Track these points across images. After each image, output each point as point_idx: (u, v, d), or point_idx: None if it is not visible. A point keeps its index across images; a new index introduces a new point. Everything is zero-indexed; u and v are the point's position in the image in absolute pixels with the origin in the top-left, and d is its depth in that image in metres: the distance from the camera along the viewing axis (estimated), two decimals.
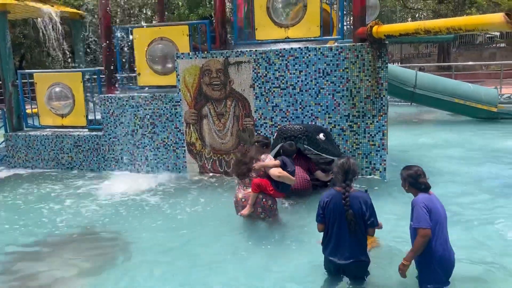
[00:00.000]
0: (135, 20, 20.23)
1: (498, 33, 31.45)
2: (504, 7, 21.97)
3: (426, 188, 3.61)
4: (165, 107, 7.55)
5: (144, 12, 22.09)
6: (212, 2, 7.14)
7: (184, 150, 7.57)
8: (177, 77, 7.39)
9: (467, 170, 7.30)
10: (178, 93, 7.42)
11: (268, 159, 5.12)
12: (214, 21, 7.38)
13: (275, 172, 4.91)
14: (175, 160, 7.65)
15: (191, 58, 7.26)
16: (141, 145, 7.77)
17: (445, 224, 3.59)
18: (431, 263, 3.52)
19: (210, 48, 7.30)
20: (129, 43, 7.91)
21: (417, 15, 27.60)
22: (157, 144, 7.69)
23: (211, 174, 7.45)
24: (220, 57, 7.12)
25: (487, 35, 29.54)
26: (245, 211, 5.00)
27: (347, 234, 3.65)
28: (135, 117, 7.71)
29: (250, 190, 5.01)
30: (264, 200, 4.99)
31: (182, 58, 7.31)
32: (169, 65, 7.62)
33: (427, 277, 3.57)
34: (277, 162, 5.07)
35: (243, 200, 5.09)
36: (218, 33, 7.26)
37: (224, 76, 7.15)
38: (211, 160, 7.45)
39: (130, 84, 8.18)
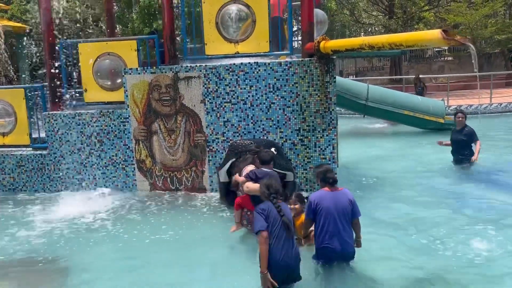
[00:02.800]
0: (88, 33, 19.72)
1: (446, 47, 33.01)
2: (449, 22, 23.14)
3: (333, 182, 4.20)
4: (113, 123, 7.31)
5: (99, 25, 21.58)
6: None
7: (134, 168, 7.34)
8: (125, 92, 7.19)
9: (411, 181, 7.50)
10: (127, 109, 7.22)
11: (244, 172, 5.22)
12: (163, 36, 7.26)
13: (244, 187, 4.99)
14: (124, 178, 7.40)
15: (139, 73, 7.10)
16: (89, 164, 7.47)
17: (339, 219, 4.06)
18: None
19: (159, 63, 7.16)
20: (75, 58, 7.65)
21: (369, 30, 28.53)
22: (105, 162, 7.42)
23: (162, 191, 7.25)
24: (170, 72, 7.00)
25: (436, 49, 30.90)
26: (233, 228, 5.31)
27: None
28: (82, 135, 7.42)
29: None
30: (248, 213, 5.26)
31: (130, 74, 7.13)
32: (117, 81, 7.41)
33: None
34: (242, 178, 5.14)
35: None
36: (167, 48, 7.14)
37: (174, 92, 7.02)
38: (162, 177, 7.26)
39: (77, 100, 7.87)
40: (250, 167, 5.33)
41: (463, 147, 7.92)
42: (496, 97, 16.07)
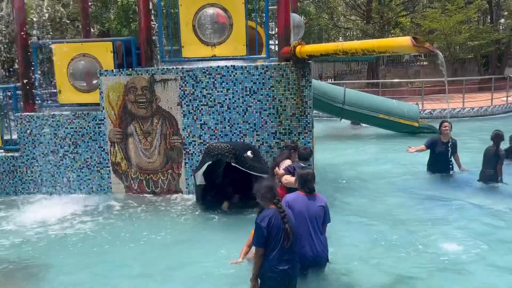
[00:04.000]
0: (65, 34, 19.39)
1: (415, 54, 33.73)
2: (424, 28, 23.64)
3: (310, 192, 4.18)
4: (88, 125, 7.22)
5: (76, 25, 21.22)
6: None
7: (109, 171, 7.26)
8: (100, 94, 7.12)
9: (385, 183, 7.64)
10: (102, 111, 7.14)
11: (283, 165, 5.64)
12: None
13: (283, 180, 5.39)
14: (99, 181, 7.32)
15: (115, 75, 7.04)
16: (63, 166, 7.35)
17: (311, 224, 4.05)
18: None
19: (135, 65, 7.12)
20: (49, 59, 7.53)
21: (347, 34, 28.89)
22: (79, 165, 7.32)
23: (138, 194, 7.20)
24: (146, 75, 6.97)
25: (412, 54, 31.54)
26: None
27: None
28: (56, 137, 7.30)
29: None
30: None
31: (105, 75, 7.06)
32: (92, 82, 7.32)
33: None
34: (282, 171, 5.51)
35: None
36: (144, 50, 7.10)
37: (150, 94, 6.99)
38: (138, 180, 7.21)
39: (51, 101, 7.74)
40: (287, 162, 5.74)
41: (447, 160, 7.47)
42: (468, 101, 16.50)
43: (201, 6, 6.97)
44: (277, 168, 5.76)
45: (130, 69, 7.02)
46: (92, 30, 12.51)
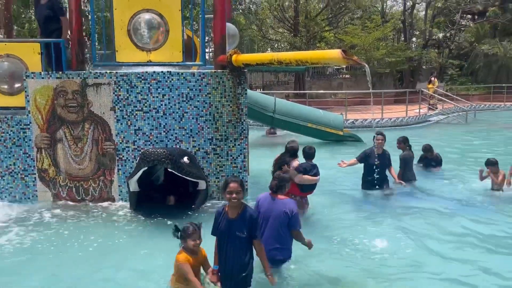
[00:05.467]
0: None
1: (344, 66, 35.71)
2: (347, 43, 25.13)
3: (271, 189, 4.48)
4: (11, 130, 6.80)
5: None
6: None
7: (35, 178, 6.88)
8: (26, 98, 6.74)
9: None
10: (28, 115, 6.77)
11: (294, 164, 6.17)
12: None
13: (296, 179, 6.02)
14: (23, 189, 6.90)
15: (43, 78, 6.72)
16: None
17: (272, 225, 4.30)
18: None
19: (65, 68, 6.85)
20: None
21: (276, 45, 29.84)
22: (1, 172, 6.85)
23: (67, 202, 6.89)
24: (77, 78, 6.74)
25: (335, 67, 33.28)
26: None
27: None
28: None
29: None
30: (298, 198, 6.14)
31: (32, 78, 6.72)
32: (16, 85, 6.91)
33: None
34: (293, 170, 6.03)
35: None
36: (75, 53, 6.87)
37: (82, 98, 6.76)
38: (67, 187, 6.91)
39: None
40: (296, 162, 6.25)
41: (383, 172, 7.52)
42: (386, 113, 17.80)
43: (137, 11, 6.90)
44: (285, 166, 6.03)
45: (60, 72, 6.74)
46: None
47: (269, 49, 30.01)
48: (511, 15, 29.62)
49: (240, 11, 24.33)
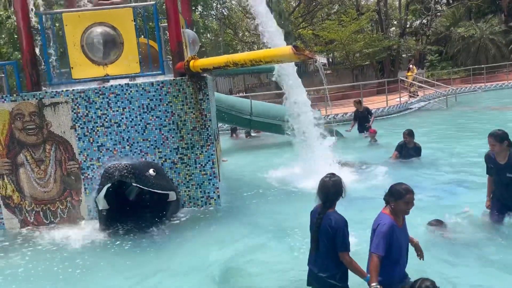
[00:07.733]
0: None
1: (325, 62, 35.75)
2: (324, 39, 25.15)
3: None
4: None
5: None
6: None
7: (0, 205, 6.69)
8: None
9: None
10: None
11: None
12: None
13: None
14: None
15: None
16: None
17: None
18: None
19: (20, 90, 6.67)
20: None
21: (254, 47, 29.77)
22: None
23: (35, 227, 6.70)
24: (33, 99, 6.56)
25: (296, 62, 33.22)
26: None
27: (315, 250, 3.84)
28: None
29: None
30: None
31: None
32: None
33: None
34: None
35: None
36: (29, 74, 6.69)
37: (40, 119, 6.59)
38: (34, 212, 6.72)
39: None
40: None
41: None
42: (368, 104, 17.72)
43: (89, 25, 6.75)
44: None
45: (15, 95, 6.57)
46: None
47: (247, 51, 29.94)
48: None
49: (213, 16, 24.26)
